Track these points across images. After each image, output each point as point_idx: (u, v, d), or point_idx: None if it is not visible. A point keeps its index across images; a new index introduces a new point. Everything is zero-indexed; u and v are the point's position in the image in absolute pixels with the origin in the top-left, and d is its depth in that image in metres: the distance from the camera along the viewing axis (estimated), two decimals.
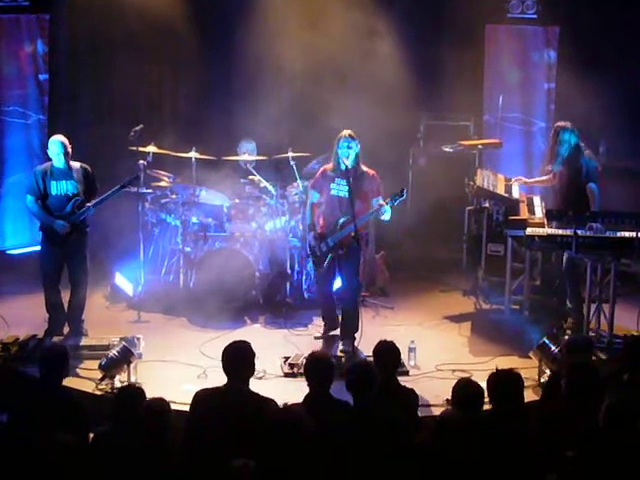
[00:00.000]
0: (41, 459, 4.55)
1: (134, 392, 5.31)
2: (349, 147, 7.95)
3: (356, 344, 7.70)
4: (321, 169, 8.35)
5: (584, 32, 10.49)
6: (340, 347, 8.03)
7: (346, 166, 7.89)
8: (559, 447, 4.84)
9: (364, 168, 8.07)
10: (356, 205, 7.79)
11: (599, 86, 9.93)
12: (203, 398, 5.44)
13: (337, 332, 8.35)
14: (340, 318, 8.27)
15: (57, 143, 8.03)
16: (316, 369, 5.57)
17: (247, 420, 5.11)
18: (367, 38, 10.56)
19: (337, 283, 8.84)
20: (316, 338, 8.43)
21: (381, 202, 7.88)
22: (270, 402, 5.36)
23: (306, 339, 8.49)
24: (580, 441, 4.75)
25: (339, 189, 8.03)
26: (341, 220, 7.95)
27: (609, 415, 4.73)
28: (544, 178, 9.22)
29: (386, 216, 7.93)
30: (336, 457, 4.82)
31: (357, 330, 7.84)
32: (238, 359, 5.44)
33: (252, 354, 5.51)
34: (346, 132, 8.03)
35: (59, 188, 8.03)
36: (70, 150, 8.07)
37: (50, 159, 8.10)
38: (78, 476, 4.64)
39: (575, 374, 5.30)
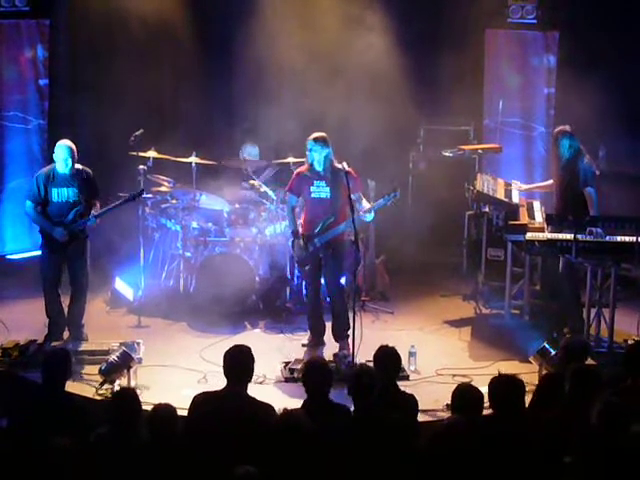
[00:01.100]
0: (39, 463, 4.55)
1: (128, 395, 5.31)
2: (311, 150, 7.99)
3: (356, 348, 7.63)
4: (296, 172, 8.34)
5: (584, 37, 10.48)
6: (338, 351, 8.02)
7: (324, 168, 7.95)
8: (560, 453, 4.83)
9: (339, 166, 8.00)
10: (339, 204, 7.88)
11: (599, 91, 9.92)
12: (202, 401, 5.44)
13: (324, 338, 8.39)
14: (331, 324, 8.27)
15: (64, 148, 7.95)
16: (314, 375, 5.57)
17: (245, 424, 5.12)
18: (367, 43, 10.56)
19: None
20: (303, 345, 8.39)
21: (367, 205, 7.95)
22: (268, 407, 5.36)
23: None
24: (576, 446, 4.74)
25: (320, 191, 8.04)
26: (327, 221, 7.96)
27: (603, 417, 4.72)
28: (544, 184, 9.23)
29: (368, 218, 8.03)
30: (336, 462, 4.82)
31: (349, 328, 7.74)
32: (240, 363, 5.46)
33: (252, 359, 5.53)
34: (312, 135, 8.05)
35: (60, 195, 8.00)
36: (76, 156, 8.05)
37: (51, 162, 8.08)
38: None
39: (578, 379, 5.28)
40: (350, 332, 7.60)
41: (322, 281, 8.39)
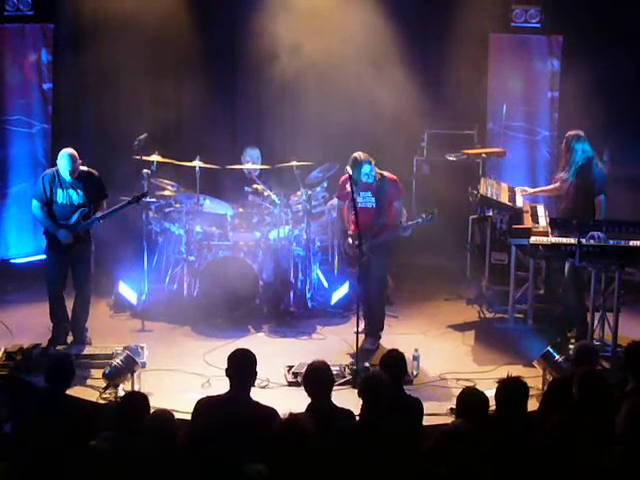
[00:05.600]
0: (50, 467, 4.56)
1: (138, 399, 5.30)
2: (357, 167, 8.13)
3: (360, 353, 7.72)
4: (342, 179, 8.44)
5: (587, 41, 10.49)
6: (365, 345, 8.23)
7: (370, 180, 8.20)
8: (572, 457, 4.79)
9: (385, 174, 8.31)
10: (383, 212, 8.20)
11: (603, 94, 9.93)
12: (205, 405, 5.44)
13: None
14: (364, 322, 8.47)
15: (66, 157, 7.95)
16: (315, 380, 5.57)
17: (248, 428, 5.11)
18: (370, 47, 10.55)
19: (339, 293, 9.03)
20: (358, 333, 8.42)
21: (405, 223, 8.37)
22: (271, 411, 5.35)
23: (310, 348, 8.49)
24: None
25: (366, 201, 8.26)
26: (372, 229, 8.13)
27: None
28: (550, 187, 9.20)
29: (405, 234, 8.39)
30: (340, 466, 4.81)
31: (382, 329, 8.47)
32: (243, 367, 5.45)
33: (255, 363, 5.53)
34: (355, 155, 8.18)
35: (65, 197, 8.02)
36: (79, 163, 8.03)
37: (55, 165, 8.09)
38: None
39: (587, 384, 5.24)
40: (382, 333, 8.50)
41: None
